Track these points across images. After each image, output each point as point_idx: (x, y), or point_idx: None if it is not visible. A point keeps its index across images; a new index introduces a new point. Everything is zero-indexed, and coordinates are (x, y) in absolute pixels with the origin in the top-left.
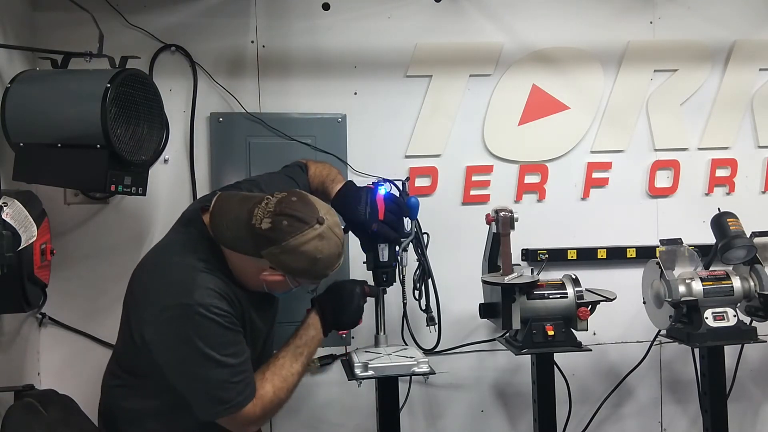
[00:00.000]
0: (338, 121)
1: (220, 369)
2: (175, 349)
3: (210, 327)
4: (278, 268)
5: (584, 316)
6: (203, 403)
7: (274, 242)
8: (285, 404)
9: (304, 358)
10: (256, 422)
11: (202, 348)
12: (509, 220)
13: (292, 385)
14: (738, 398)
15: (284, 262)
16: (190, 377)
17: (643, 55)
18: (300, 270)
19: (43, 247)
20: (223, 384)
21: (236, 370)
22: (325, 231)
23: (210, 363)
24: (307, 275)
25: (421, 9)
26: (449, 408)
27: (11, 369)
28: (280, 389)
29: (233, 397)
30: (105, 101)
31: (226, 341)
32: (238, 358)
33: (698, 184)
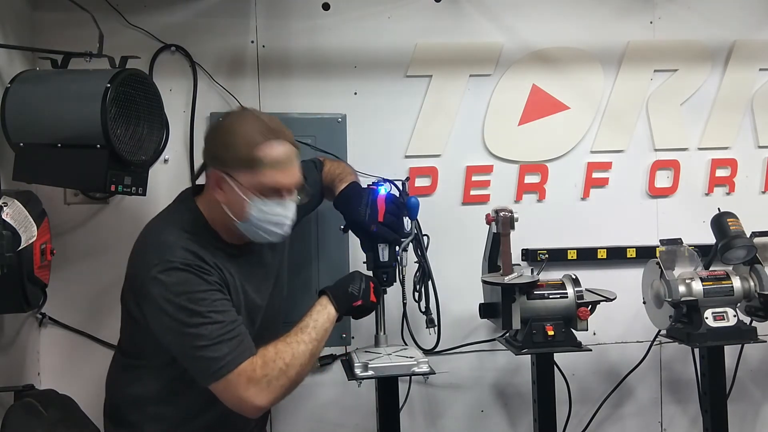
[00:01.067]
0: (338, 121)
1: (208, 325)
2: (163, 308)
3: (191, 281)
4: (210, 161)
5: (584, 316)
6: (197, 366)
7: (204, 141)
8: (297, 377)
9: (310, 329)
10: (258, 384)
11: (185, 304)
12: (509, 220)
13: (298, 353)
14: (738, 398)
15: (209, 150)
16: (180, 337)
17: (643, 55)
18: (218, 147)
19: (43, 247)
20: (213, 341)
21: (225, 327)
22: (244, 112)
23: (196, 319)
24: (229, 153)
25: (421, 9)
26: (449, 408)
27: (11, 369)
28: (283, 352)
29: (225, 354)
30: (105, 101)
31: (211, 298)
32: (225, 316)
33: (698, 184)
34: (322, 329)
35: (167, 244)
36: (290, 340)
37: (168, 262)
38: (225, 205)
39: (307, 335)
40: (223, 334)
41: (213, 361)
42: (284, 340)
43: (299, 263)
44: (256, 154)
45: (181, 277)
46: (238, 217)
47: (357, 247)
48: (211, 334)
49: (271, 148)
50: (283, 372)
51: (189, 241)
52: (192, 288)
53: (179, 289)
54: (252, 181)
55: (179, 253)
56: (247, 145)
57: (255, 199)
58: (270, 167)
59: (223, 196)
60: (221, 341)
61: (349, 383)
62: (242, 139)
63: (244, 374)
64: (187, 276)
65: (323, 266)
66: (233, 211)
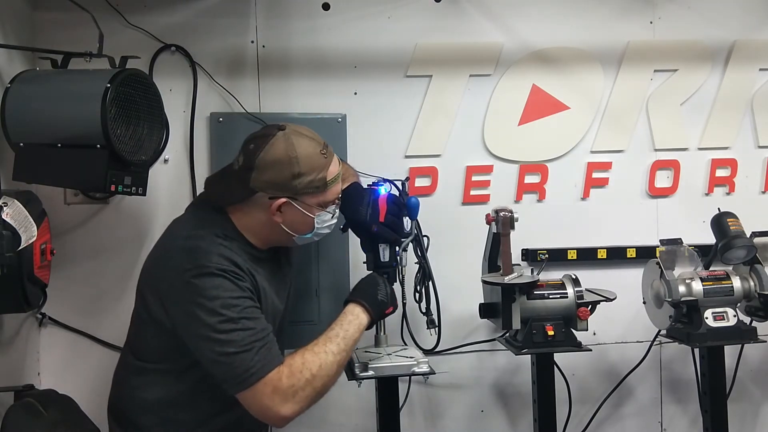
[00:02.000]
0: (338, 121)
1: (238, 332)
2: (195, 313)
3: (225, 287)
4: (270, 190)
5: (584, 316)
6: (225, 373)
7: (252, 168)
8: (323, 388)
9: (339, 340)
10: (284, 394)
11: (218, 309)
12: (509, 220)
13: (325, 363)
14: (738, 398)
15: (271, 180)
16: (210, 343)
17: (643, 55)
18: (288, 179)
19: (43, 247)
20: (243, 348)
21: (255, 335)
22: (288, 133)
23: (226, 325)
24: (300, 181)
25: (421, 9)
26: (449, 408)
27: (11, 369)
28: (311, 362)
29: (254, 362)
30: (105, 101)
31: (243, 305)
32: (256, 323)
33: (698, 184)
34: (351, 340)
35: (201, 249)
36: (318, 349)
37: (202, 267)
38: (285, 224)
39: (336, 345)
40: (254, 341)
41: (241, 369)
42: (312, 349)
43: (299, 263)
44: (326, 178)
45: (215, 283)
46: (300, 232)
47: (357, 247)
48: (242, 340)
49: (333, 166)
50: (309, 382)
51: (222, 246)
52: (225, 294)
53: (213, 294)
54: (320, 199)
55: (214, 259)
56: (317, 170)
57: (320, 214)
58: (333, 184)
59: (282, 217)
60: (251, 349)
61: (349, 383)
62: (311, 167)
63: (270, 383)
64: (221, 281)
65: (323, 266)
66: (294, 228)
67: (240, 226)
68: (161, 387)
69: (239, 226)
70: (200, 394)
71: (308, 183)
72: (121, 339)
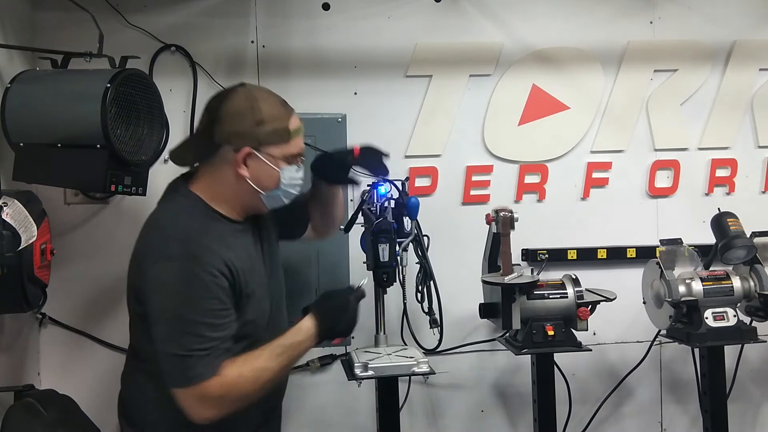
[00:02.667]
0: (338, 121)
1: (188, 336)
2: (159, 303)
3: (194, 283)
4: (234, 140)
5: (584, 316)
6: (166, 366)
7: (215, 121)
8: (247, 399)
9: (284, 359)
10: (210, 402)
11: (177, 305)
12: (509, 220)
13: (261, 381)
14: (738, 398)
15: (234, 131)
16: (163, 335)
17: (643, 55)
18: (251, 126)
19: (43, 247)
20: (187, 351)
21: (203, 343)
22: (249, 87)
23: (181, 324)
24: (263, 129)
25: (421, 9)
26: (449, 408)
27: (11, 369)
28: (245, 378)
29: (191, 368)
30: (105, 101)
31: (206, 307)
32: (211, 330)
33: (698, 184)
34: (295, 359)
35: (174, 237)
36: (258, 365)
37: (174, 259)
38: (251, 179)
39: (278, 364)
40: (199, 349)
41: (179, 370)
42: (252, 364)
43: (299, 263)
44: (288, 127)
45: (184, 276)
46: (267, 188)
47: (357, 247)
48: (189, 345)
49: (295, 118)
50: (238, 398)
51: (197, 229)
52: (191, 289)
53: (177, 288)
54: (283, 151)
55: (187, 249)
56: (279, 119)
57: (285, 168)
58: (296, 135)
59: (248, 171)
60: (193, 355)
61: (349, 383)
62: (272, 115)
63: (199, 391)
64: (190, 276)
65: (323, 266)
66: (261, 183)
67: (210, 198)
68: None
69: (209, 198)
70: None
71: (271, 131)
72: (121, 339)
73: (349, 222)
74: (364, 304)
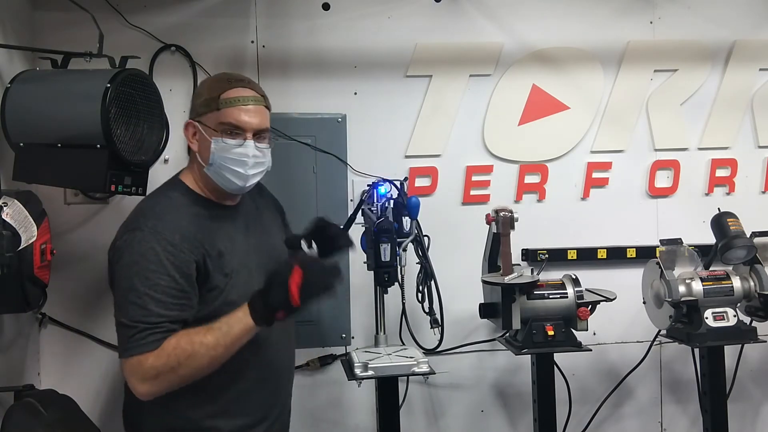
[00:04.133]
0: (338, 121)
1: (133, 306)
2: (117, 272)
3: (148, 256)
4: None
5: (584, 316)
6: (118, 337)
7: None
8: (189, 377)
9: (220, 335)
10: (143, 374)
11: (131, 275)
12: (509, 220)
13: (196, 354)
14: (738, 398)
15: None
16: (117, 303)
17: (643, 55)
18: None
19: (43, 247)
20: (130, 322)
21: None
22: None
23: (131, 294)
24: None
25: (421, 9)
26: (449, 408)
27: (11, 369)
28: (181, 350)
29: (131, 339)
30: (105, 101)
31: (155, 281)
32: (156, 305)
33: (698, 184)
34: (233, 337)
35: (143, 214)
36: (196, 339)
37: (136, 230)
38: (197, 153)
39: (214, 339)
40: (144, 322)
41: (121, 340)
42: (190, 337)
43: None
44: (217, 95)
45: (141, 248)
46: (205, 160)
47: (357, 247)
48: (133, 316)
49: (231, 90)
50: (173, 369)
51: (167, 209)
52: (144, 262)
53: (134, 259)
54: (215, 121)
55: (150, 224)
56: (212, 89)
57: (217, 138)
58: (228, 105)
59: (195, 145)
60: (135, 326)
61: (349, 383)
62: (208, 87)
63: (136, 362)
64: (147, 248)
65: None
66: (202, 156)
67: (192, 184)
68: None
69: (192, 183)
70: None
71: (203, 101)
72: None
73: (348, 222)
74: (364, 304)
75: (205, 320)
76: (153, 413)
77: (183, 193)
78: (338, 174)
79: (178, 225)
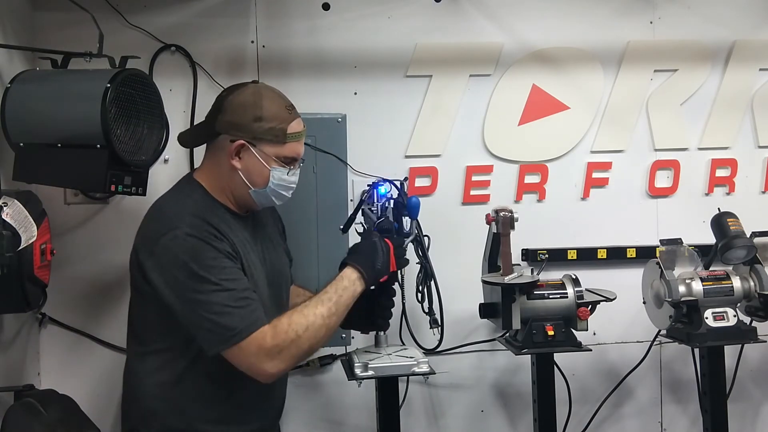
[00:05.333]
0: (338, 121)
1: (219, 293)
2: (173, 277)
3: (202, 248)
4: (232, 131)
5: (584, 316)
6: (207, 333)
7: (219, 110)
8: (309, 348)
9: (331, 304)
10: (268, 353)
11: (196, 270)
12: (509, 220)
13: (313, 325)
14: (738, 398)
15: (234, 122)
16: (190, 305)
17: (643, 55)
18: (250, 121)
19: (43, 247)
20: (224, 308)
21: (237, 295)
22: (260, 85)
23: (207, 286)
24: (261, 125)
25: (421, 9)
26: (449, 408)
27: (11, 369)
28: (297, 324)
29: (237, 323)
30: (105, 101)
31: (221, 265)
32: (236, 284)
33: (698, 184)
34: (343, 305)
35: (174, 214)
36: (308, 312)
37: (177, 229)
38: (242, 171)
39: (327, 309)
40: (233, 301)
41: (224, 329)
42: (301, 311)
43: (299, 263)
44: (286, 129)
45: (190, 244)
46: (255, 184)
47: None
48: (222, 301)
49: (294, 123)
50: (294, 342)
51: (196, 208)
52: (202, 254)
53: (189, 256)
54: (276, 151)
55: (187, 220)
56: (278, 120)
57: (276, 168)
58: (293, 140)
59: (240, 164)
60: (232, 309)
61: (349, 383)
62: (273, 115)
63: (254, 342)
64: (196, 242)
65: (323, 266)
66: (251, 177)
67: (210, 188)
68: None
69: (209, 187)
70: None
71: (268, 129)
72: (121, 339)
73: (348, 221)
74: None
75: None
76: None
77: (204, 195)
78: (338, 174)
79: (209, 220)
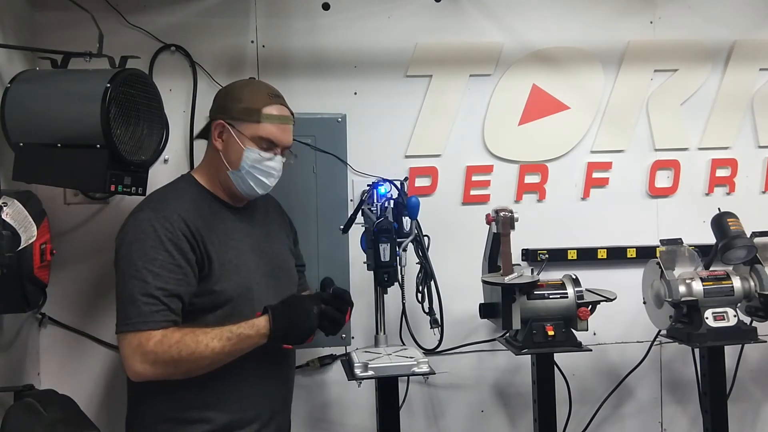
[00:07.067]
0: (338, 121)
1: (134, 280)
2: (117, 252)
3: (147, 234)
4: (216, 114)
5: (584, 316)
6: (117, 311)
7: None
8: (185, 372)
9: (228, 345)
10: (143, 355)
11: (131, 253)
12: (509, 220)
13: (199, 354)
14: (738, 398)
15: (218, 106)
16: (117, 280)
17: (644, 55)
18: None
19: (43, 247)
20: (131, 297)
21: (148, 290)
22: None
23: (130, 270)
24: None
25: (421, 9)
26: (449, 408)
27: (11, 369)
28: (185, 345)
29: (133, 315)
30: (105, 101)
31: (153, 255)
32: (156, 279)
33: (698, 184)
34: (239, 350)
35: (149, 199)
36: (202, 339)
37: (139, 212)
38: (222, 153)
39: (221, 347)
40: (143, 294)
41: (123, 315)
42: (197, 335)
43: None
44: (260, 109)
45: (140, 227)
46: (233, 165)
47: (357, 247)
48: (133, 288)
49: (272, 107)
50: (172, 360)
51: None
52: (144, 240)
53: (133, 238)
54: (252, 131)
55: (152, 205)
56: (254, 101)
57: (251, 149)
58: (269, 121)
59: (221, 145)
60: (136, 300)
61: (349, 383)
62: (250, 96)
63: (137, 339)
64: (146, 227)
65: (323, 266)
66: (229, 159)
67: (205, 181)
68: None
69: (205, 181)
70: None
71: (243, 108)
72: None
73: (348, 222)
74: (364, 305)
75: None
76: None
77: (190, 184)
78: (338, 174)
79: (178, 207)
